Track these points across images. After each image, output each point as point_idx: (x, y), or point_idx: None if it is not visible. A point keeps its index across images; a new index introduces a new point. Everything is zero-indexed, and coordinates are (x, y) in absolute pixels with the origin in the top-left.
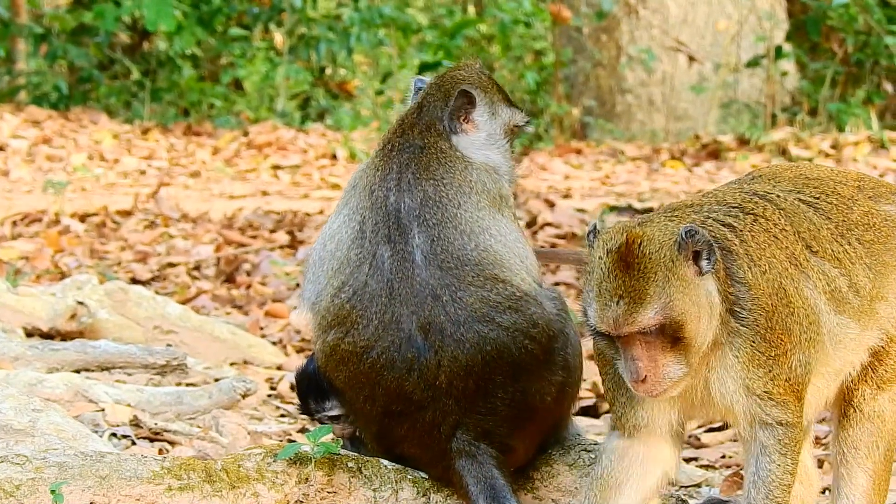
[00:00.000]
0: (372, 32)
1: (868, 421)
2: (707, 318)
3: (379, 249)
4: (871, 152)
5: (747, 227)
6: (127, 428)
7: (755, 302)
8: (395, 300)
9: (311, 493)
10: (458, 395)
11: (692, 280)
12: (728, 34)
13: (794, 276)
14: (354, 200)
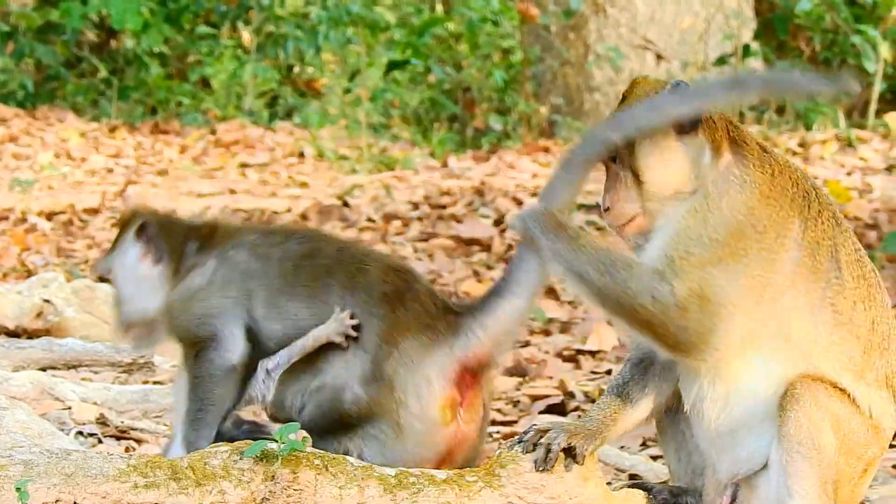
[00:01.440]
0: (340, 30)
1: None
2: (672, 169)
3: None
4: (839, 150)
5: (782, 162)
6: (93, 426)
7: (741, 188)
8: None
9: (278, 490)
10: None
11: (667, 131)
12: (695, 32)
13: (793, 213)
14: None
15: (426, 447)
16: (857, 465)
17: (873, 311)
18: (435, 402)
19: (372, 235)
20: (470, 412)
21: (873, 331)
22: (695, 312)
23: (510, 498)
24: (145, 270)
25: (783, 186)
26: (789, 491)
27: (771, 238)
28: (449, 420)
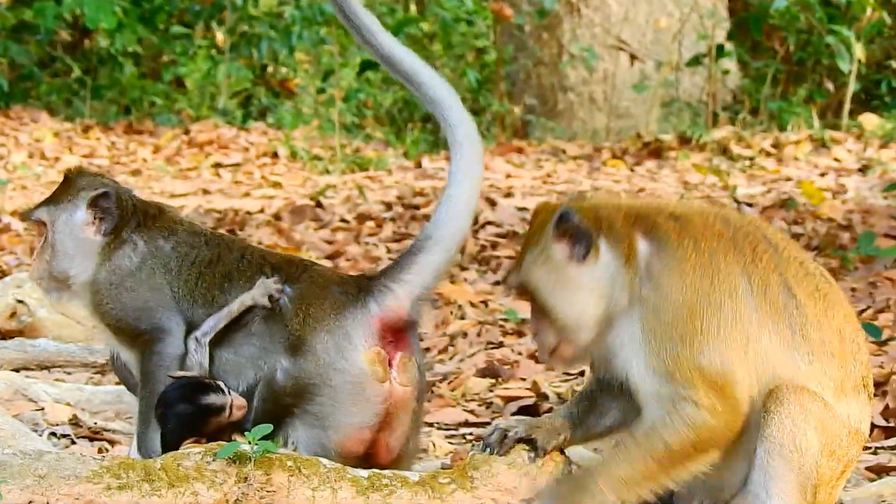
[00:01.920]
0: (313, 30)
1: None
2: (579, 300)
3: None
4: (812, 151)
5: (701, 219)
6: (66, 427)
7: (673, 270)
8: None
9: (251, 492)
10: None
11: (562, 262)
12: (670, 32)
13: (732, 268)
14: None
15: (362, 406)
16: (837, 466)
17: (836, 319)
18: (359, 355)
19: (345, 236)
20: (403, 373)
21: (843, 339)
22: (721, 401)
23: (483, 500)
24: (87, 237)
25: (710, 249)
26: (768, 492)
27: (726, 301)
28: (381, 376)
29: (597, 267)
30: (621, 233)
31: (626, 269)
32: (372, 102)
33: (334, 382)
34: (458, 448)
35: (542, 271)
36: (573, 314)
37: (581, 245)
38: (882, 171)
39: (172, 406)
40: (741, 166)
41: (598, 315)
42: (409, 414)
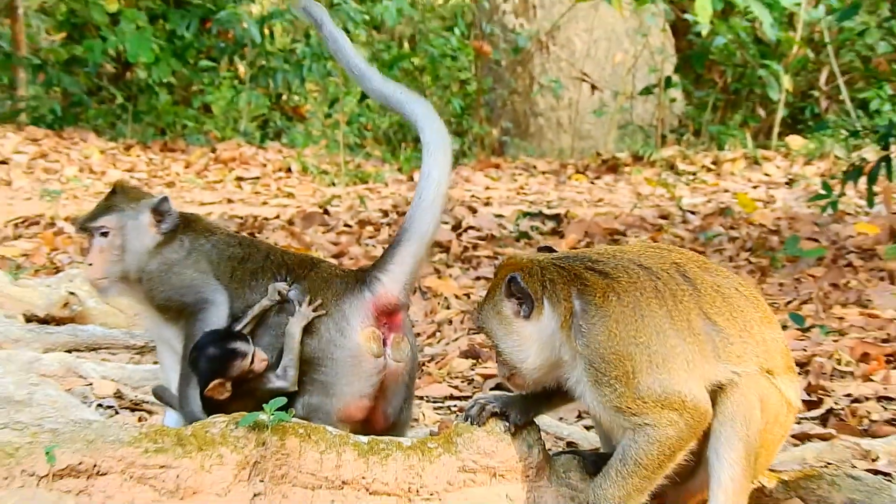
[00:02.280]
0: (321, 64)
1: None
2: (523, 349)
3: None
4: (746, 167)
5: (626, 275)
6: (111, 399)
7: (599, 326)
8: None
9: (268, 454)
10: None
11: (509, 317)
12: (625, 66)
13: (655, 312)
14: None
15: (360, 377)
16: (777, 432)
17: (755, 329)
18: (357, 333)
19: (348, 238)
20: (396, 350)
21: (765, 342)
22: (678, 413)
23: (465, 462)
24: (150, 236)
25: (633, 300)
26: (717, 456)
27: (653, 340)
28: (376, 352)
29: (540, 324)
30: (561, 295)
31: (563, 328)
32: (371, 125)
33: (336, 356)
34: (444, 418)
35: (494, 321)
36: (518, 359)
37: (526, 305)
38: (806, 185)
39: (204, 349)
40: (686, 180)
41: (542, 362)
42: (402, 386)
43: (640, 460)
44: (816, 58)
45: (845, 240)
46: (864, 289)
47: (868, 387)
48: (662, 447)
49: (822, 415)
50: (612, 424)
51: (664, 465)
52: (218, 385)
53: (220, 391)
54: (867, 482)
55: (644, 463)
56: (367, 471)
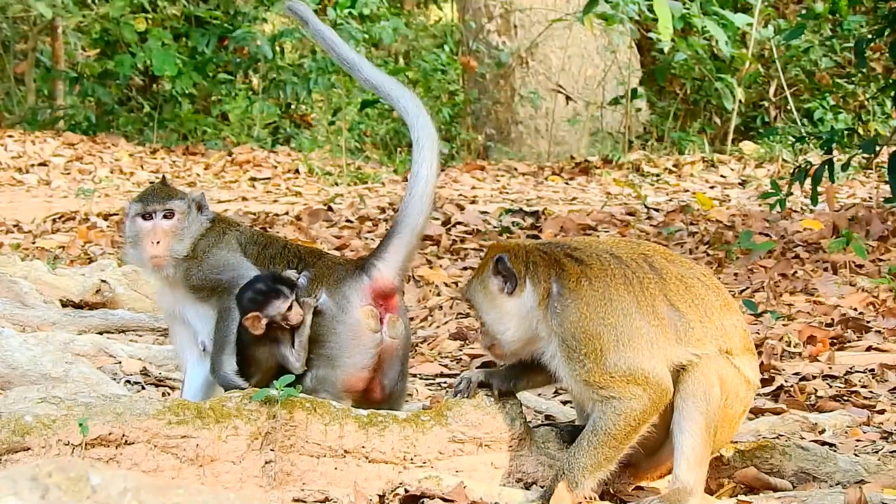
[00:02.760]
0: (326, 77)
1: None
2: (504, 322)
3: None
4: (704, 169)
5: (599, 263)
6: (138, 376)
7: (572, 308)
8: None
9: (278, 426)
10: None
11: (494, 292)
12: (596, 80)
13: (623, 297)
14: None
15: (360, 350)
16: (738, 408)
17: (715, 314)
18: (357, 310)
19: (350, 232)
20: (391, 328)
21: (724, 327)
22: (641, 387)
23: (455, 433)
24: (201, 222)
25: (603, 285)
26: (680, 428)
27: (620, 321)
28: (374, 327)
29: (520, 301)
30: (541, 277)
31: (540, 307)
32: (370, 132)
33: (338, 331)
34: (435, 394)
35: (480, 295)
36: (500, 330)
37: (510, 283)
38: (757, 185)
39: (252, 284)
40: (650, 181)
41: (520, 336)
42: (397, 361)
43: (609, 430)
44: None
45: (793, 234)
46: (809, 279)
47: (814, 366)
48: (628, 419)
49: (774, 391)
50: (582, 396)
51: (630, 436)
52: (254, 318)
53: (256, 325)
54: (815, 452)
55: (613, 433)
56: (366, 441)
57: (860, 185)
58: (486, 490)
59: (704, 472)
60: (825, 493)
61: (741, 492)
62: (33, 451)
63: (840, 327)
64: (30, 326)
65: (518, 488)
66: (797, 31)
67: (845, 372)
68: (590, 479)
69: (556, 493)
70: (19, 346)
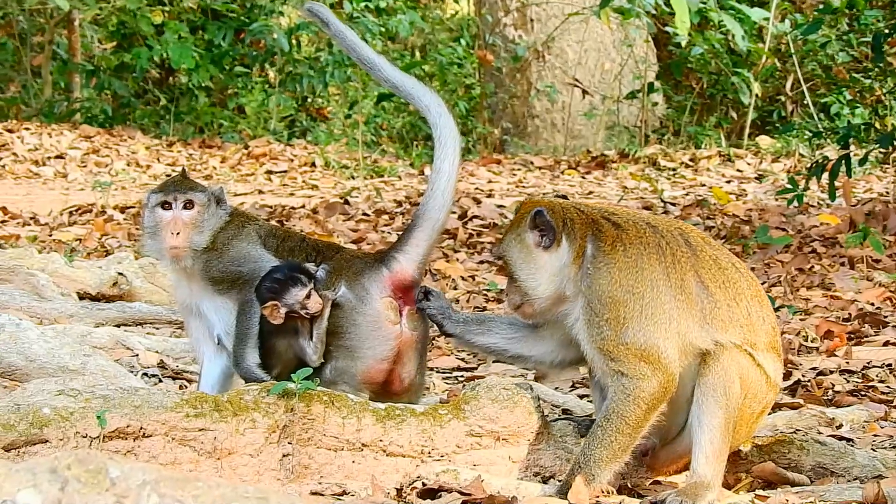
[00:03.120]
0: (342, 71)
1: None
2: (538, 277)
3: None
4: (720, 164)
5: (635, 229)
6: (155, 369)
7: (603, 270)
8: None
9: (295, 419)
10: None
11: (531, 246)
12: (612, 73)
13: (654, 267)
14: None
15: (380, 342)
16: (756, 407)
17: (744, 301)
18: (377, 302)
19: (366, 226)
20: (410, 321)
21: (750, 316)
22: (650, 367)
23: (472, 427)
24: (220, 214)
25: (637, 252)
26: (699, 422)
27: (647, 292)
28: (393, 319)
29: (555, 256)
30: (577, 234)
31: (574, 264)
32: (386, 125)
33: (358, 322)
34: (452, 387)
35: (516, 250)
36: (532, 286)
37: (548, 237)
38: (774, 180)
39: (271, 273)
40: (667, 175)
41: (550, 292)
42: (416, 353)
43: (621, 413)
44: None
45: (809, 229)
46: (826, 273)
47: (832, 361)
48: (637, 401)
49: (791, 386)
50: (594, 363)
51: (641, 421)
52: (273, 306)
53: (274, 314)
54: (832, 447)
55: (624, 416)
56: (384, 434)
57: (877, 179)
58: (504, 484)
59: (722, 466)
60: (843, 487)
61: (759, 486)
62: (51, 443)
63: (857, 322)
64: (47, 319)
65: (536, 482)
66: (814, 26)
67: (862, 367)
68: (606, 470)
69: (573, 486)
70: (37, 339)
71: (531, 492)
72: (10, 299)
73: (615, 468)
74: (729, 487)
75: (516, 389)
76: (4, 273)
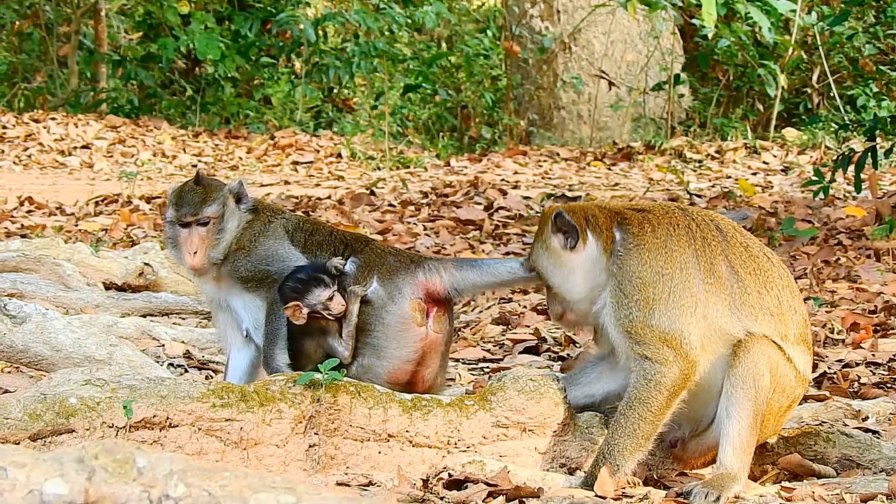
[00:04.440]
0: (368, 62)
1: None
2: (571, 279)
3: None
4: (746, 156)
5: (662, 211)
6: (181, 359)
7: (634, 252)
8: None
9: (322, 410)
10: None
11: (557, 250)
12: (638, 65)
13: (683, 249)
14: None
15: (406, 343)
16: (784, 401)
17: (775, 290)
18: (406, 303)
19: (392, 217)
20: (437, 323)
21: (781, 304)
22: (673, 353)
23: (499, 418)
24: (239, 217)
25: (666, 233)
26: (727, 413)
27: (676, 274)
28: (420, 321)
29: (584, 253)
30: (603, 227)
31: (604, 254)
32: (412, 116)
33: (386, 321)
34: (478, 378)
35: (544, 257)
36: (568, 289)
37: (571, 237)
38: (800, 172)
39: (294, 273)
40: (692, 167)
41: (586, 290)
42: (440, 355)
43: (642, 399)
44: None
45: (835, 221)
46: (852, 265)
47: (858, 353)
48: (659, 386)
49: (817, 378)
50: (619, 347)
51: (663, 408)
52: (295, 307)
53: (296, 314)
54: (859, 439)
55: (646, 401)
56: (410, 425)
57: None
58: (530, 475)
59: (749, 458)
60: (869, 479)
61: (785, 478)
62: (78, 433)
63: (883, 314)
64: (73, 309)
65: (561, 473)
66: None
67: (888, 359)
68: (630, 459)
69: (599, 478)
70: (63, 329)
71: (557, 483)
72: (37, 289)
73: (639, 457)
74: (755, 479)
75: (543, 380)
76: (31, 263)
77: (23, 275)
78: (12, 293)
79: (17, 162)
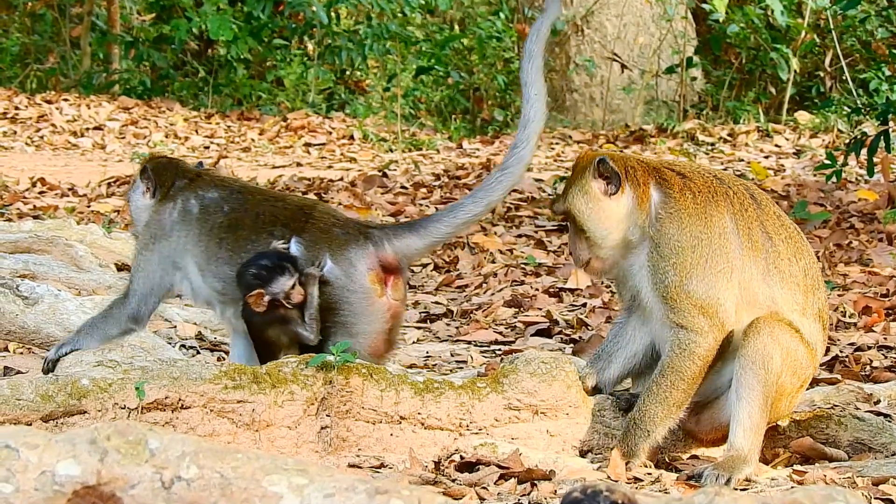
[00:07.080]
0: (381, 44)
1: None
2: (606, 226)
3: None
4: (759, 139)
5: (701, 179)
6: (193, 341)
7: (674, 216)
8: None
9: (334, 392)
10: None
11: (597, 195)
12: (651, 48)
13: (722, 215)
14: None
15: (374, 315)
16: (795, 382)
17: (803, 260)
18: (364, 275)
19: (404, 199)
20: (395, 291)
21: (806, 276)
22: (708, 321)
23: (511, 400)
24: (143, 201)
25: (706, 200)
26: (738, 395)
27: (715, 239)
28: (381, 293)
29: (621, 203)
30: (640, 181)
31: (640, 210)
32: (425, 98)
33: (350, 300)
34: (490, 360)
35: (582, 201)
36: (601, 234)
37: (612, 184)
38: (812, 155)
39: (256, 259)
40: (705, 150)
41: (619, 239)
42: (401, 322)
43: (676, 368)
44: (822, 42)
45: (848, 205)
46: (865, 249)
47: (869, 337)
48: (693, 356)
49: (829, 361)
50: (654, 312)
51: (696, 377)
52: (257, 295)
53: (258, 302)
54: (870, 423)
55: (680, 371)
56: (422, 407)
57: None
58: (542, 457)
59: (760, 440)
60: (881, 463)
61: (796, 461)
62: (90, 414)
63: (895, 297)
64: (85, 290)
65: (573, 456)
66: (854, 2)
67: None
68: (661, 426)
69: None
70: (75, 310)
71: (569, 465)
72: (49, 270)
73: (669, 424)
74: (767, 462)
75: (555, 363)
76: (43, 244)
77: (35, 256)
78: (24, 274)
79: (29, 143)
